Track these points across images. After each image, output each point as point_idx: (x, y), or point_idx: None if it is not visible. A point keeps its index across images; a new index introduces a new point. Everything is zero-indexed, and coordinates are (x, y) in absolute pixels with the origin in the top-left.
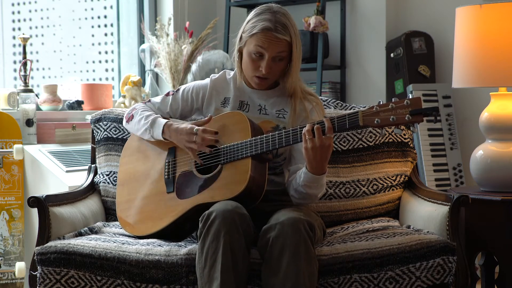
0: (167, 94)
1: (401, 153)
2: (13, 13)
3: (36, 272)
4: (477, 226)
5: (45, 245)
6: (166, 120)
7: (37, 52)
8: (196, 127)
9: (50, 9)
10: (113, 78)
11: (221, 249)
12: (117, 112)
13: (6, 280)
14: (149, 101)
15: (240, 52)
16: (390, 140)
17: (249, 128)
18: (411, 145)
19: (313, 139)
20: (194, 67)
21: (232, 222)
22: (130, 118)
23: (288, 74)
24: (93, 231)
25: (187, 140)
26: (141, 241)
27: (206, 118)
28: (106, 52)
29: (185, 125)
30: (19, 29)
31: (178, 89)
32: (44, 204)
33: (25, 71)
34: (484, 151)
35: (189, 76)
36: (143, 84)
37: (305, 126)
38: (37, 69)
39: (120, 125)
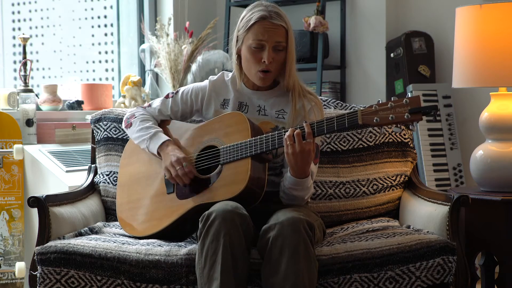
0: (167, 97)
1: (401, 153)
2: (13, 13)
3: (36, 272)
4: (477, 226)
5: (45, 245)
6: (167, 138)
7: (37, 52)
8: (186, 164)
9: (50, 9)
10: (113, 78)
11: (221, 249)
12: (117, 112)
13: (6, 280)
14: (149, 105)
15: (238, 54)
16: (390, 140)
17: (249, 128)
18: (411, 145)
19: (293, 144)
20: (194, 67)
21: (232, 222)
22: (129, 126)
23: (286, 66)
24: (93, 231)
25: (171, 163)
26: (141, 241)
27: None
28: (106, 52)
29: (181, 153)
30: (19, 29)
31: (177, 91)
32: (44, 204)
33: (25, 71)
34: (484, 151)
35: (189, 76)
36: (143, 84)
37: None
38: (37, 69)
39: (120, 125)
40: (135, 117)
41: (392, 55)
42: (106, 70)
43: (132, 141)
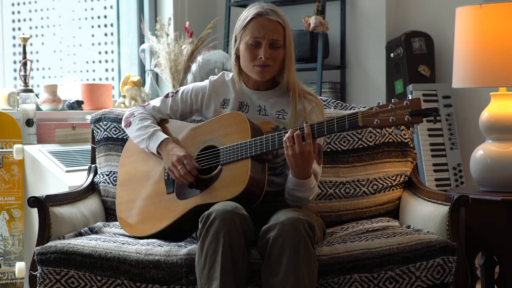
0: (166, 96)
1: (401, 153)
2: (13, 13)
3: (36, 272)
4: (477, 226)
5: (45, 245)
6: (166, 137)
7: (37, 52)
8: (188, 161)
9: (50, 9)
10: (113, 78)
11: (221, 249)
12: (117, 112)
13: (6, 280)
14: (149, 104)
15: (237, 55)
16: (390, 140)
17: (249, 128)
18: (411, 145)
19: (293, 146)
20: (194, 67)
21: (232, 222)
22: (128, 125)
23: (285, 64)
24: (93, 231)
25: (173, 163)
26: (141, 241)
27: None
28: (106, 52)
29: (181, 150)
30: (19, 29)
31: (178, 91)
32: (44, 204)
33: (25, 71)
34: (484, 151)
35: (189, 76)
36: (143, 84)
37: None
38: (37, 69)
39: (120, 125)
40: (134, 116)
41: (392, 55)
42: (106, 70)
43: (132, 140)
